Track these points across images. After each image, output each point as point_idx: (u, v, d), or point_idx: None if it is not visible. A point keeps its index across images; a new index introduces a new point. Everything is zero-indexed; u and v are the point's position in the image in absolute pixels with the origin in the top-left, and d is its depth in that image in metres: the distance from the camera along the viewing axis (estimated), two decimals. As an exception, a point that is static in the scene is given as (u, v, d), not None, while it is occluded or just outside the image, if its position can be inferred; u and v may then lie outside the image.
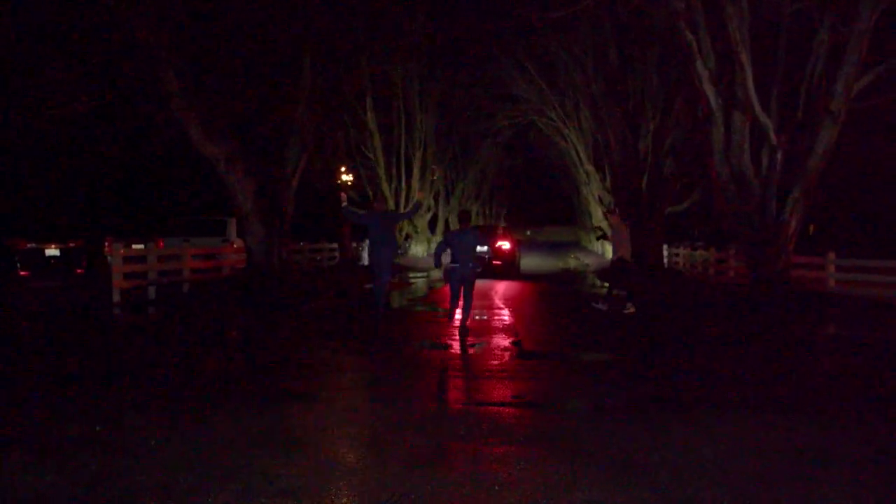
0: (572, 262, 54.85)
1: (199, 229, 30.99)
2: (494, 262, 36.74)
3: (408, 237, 53.48)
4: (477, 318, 18.44)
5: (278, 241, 23.83)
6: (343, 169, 40.51)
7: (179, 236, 29.55)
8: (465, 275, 16.41)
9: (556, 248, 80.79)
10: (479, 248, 36.42)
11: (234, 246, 26.92)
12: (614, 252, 20.75)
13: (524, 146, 63.68)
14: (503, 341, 14.99)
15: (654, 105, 32.81)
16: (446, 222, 58.17)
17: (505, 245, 37.55)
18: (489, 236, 38.08)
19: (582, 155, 47.43)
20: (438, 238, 54.40)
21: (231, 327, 16.54)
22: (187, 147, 22.51)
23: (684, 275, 33.19)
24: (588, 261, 53.08)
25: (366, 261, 39.75)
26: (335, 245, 38.14)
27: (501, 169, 74.64)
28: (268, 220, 23.82)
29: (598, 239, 28.74)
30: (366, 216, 17.24)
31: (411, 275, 37.54)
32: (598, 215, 49.40)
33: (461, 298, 16.67)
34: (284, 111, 23.92)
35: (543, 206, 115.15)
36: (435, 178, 51.70)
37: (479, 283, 27.51)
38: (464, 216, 16.92)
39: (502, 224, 70.43)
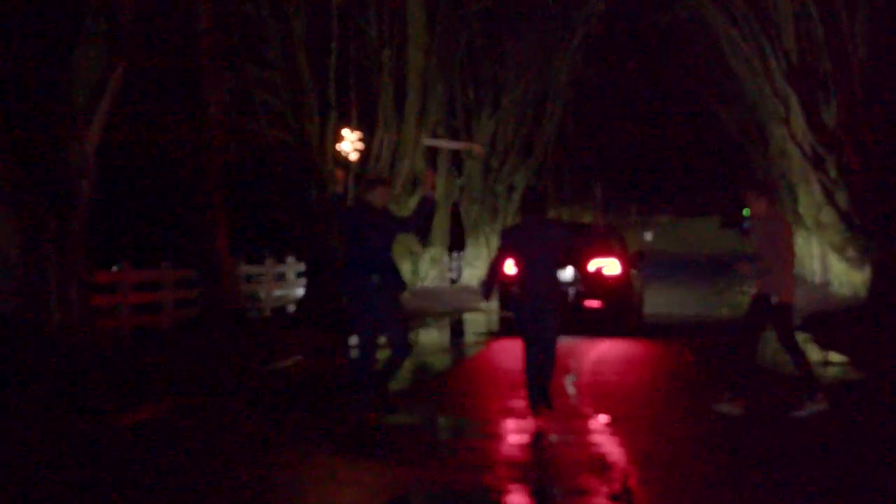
0: (747, 287, 36.68)
1: None
2: (587, 301, 21.28)
3: (454, 249, 39.10)
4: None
5: (60, 262, 14.56)
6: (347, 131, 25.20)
7: None
8: (537, 306, 10.64)
9: (708, 267, 48.62)
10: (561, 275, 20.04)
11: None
12: (757, 275, 11.52)
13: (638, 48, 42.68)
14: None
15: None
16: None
17: (610, 266, 21.63)
18: (577, 247, 20.81)
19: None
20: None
21: None
22: None
23: None
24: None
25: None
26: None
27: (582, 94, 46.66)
28: (33, 219, 14.36)
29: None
30: (349, 214, 11.38)
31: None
32: (807, 197, 29.89)
33: (534, 348, 10.68)
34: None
35: (677, 180, 61.82)
36: (474, 154, 35.75)
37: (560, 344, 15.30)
38: (532, 200, 11.15)
39: (595, 220, 51.66)
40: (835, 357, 17.04)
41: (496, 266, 11.28)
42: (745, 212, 16.95)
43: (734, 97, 41.16)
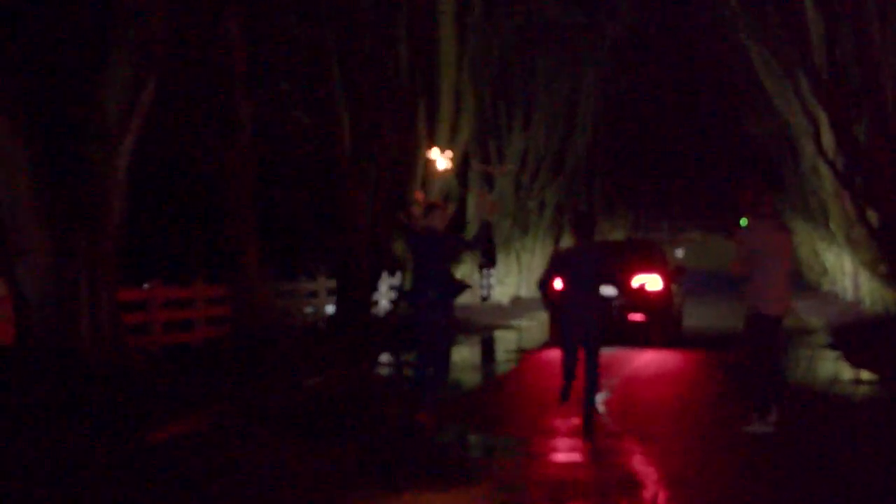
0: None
1: None
2: (630, 314, 22.13)
3: (485, 266, 38.91)
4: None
5: (91, 281, 14.23)
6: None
7: None
8: (585, 321, 11.49)
9: (738, 283, 49.11)
10: (604, 291, 21.03)
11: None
12: (753, 296, 11.22)
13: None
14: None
15: None
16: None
17: (652, 282, 22.59)
18: (621, 264, 20.83)
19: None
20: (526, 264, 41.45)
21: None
22: None
23: None
24: (812, 315, 32.49)
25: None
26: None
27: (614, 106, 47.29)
28: (64, 238, 14.06)
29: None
30: (413, 237, 12.20)
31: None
32: (839, 214, 29.82)
33: (578, 362, 11.54)
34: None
35: (708, 196, 60.01)
36: (504, 171, 36.87)
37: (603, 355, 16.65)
38: (583, 224, 11.98)
39: (637, 235, 52.80)
40: (865, 375, 16.78)
41: (544, 283, 12.32)
42: (743, 221, 16.62)
43: (766, 113, 40.84)
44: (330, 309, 25.47)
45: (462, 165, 31.31)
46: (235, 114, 20.08)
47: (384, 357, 19.75)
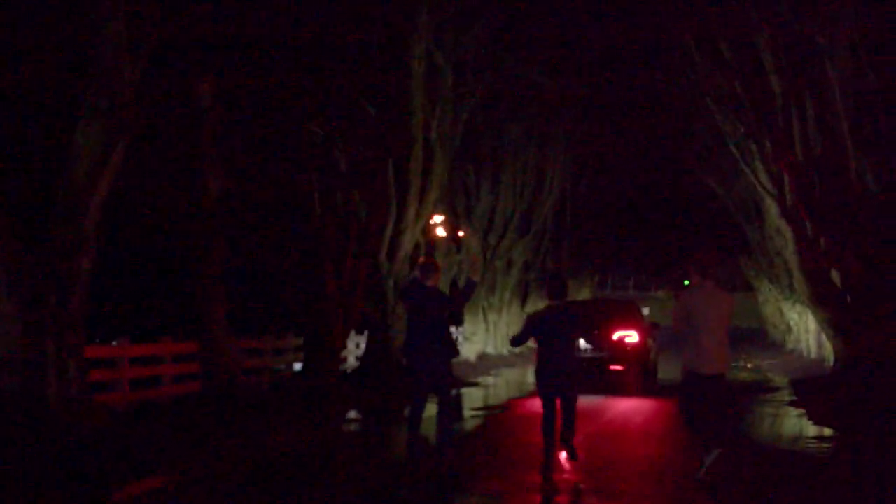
0: (742, 362, 38.92)
1: None
2: (611, 365, 24.78)
3: (453, 324, 38.34)
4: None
5: (59, 338, 14.02)
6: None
7: None
8: (561, 382, 12.06)
9: None
10: (583, 344, 24.90)
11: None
12: (689, 355, 11.70)
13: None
14: None
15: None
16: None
17: (630, 336, 25.20)
18: (600, 320, 25.25)
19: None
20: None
21: None
22: None
23: None
24: (778, 373, 33.18)
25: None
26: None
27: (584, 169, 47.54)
28: (33, 295, 13.86)
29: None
30: (407, 293, 13.06)
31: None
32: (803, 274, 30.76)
33: (557, 417, 12.11)
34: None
35: (673, 256, 62.60)
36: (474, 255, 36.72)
37: (585, 403, 18.18)
38: (556, 286, 12.45)
39: (607, 295, 54.30)
40: (827, 432, 16.96)
41: (516, 344, 12.84)
42: (686, 283, 19.49)
43: (731, 174, 41.25)
44: (298, 366, 25.48)
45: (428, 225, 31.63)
46: (204, 177, 20.20)
47: (352, 413, 19.74)
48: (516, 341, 12.81)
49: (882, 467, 13.06)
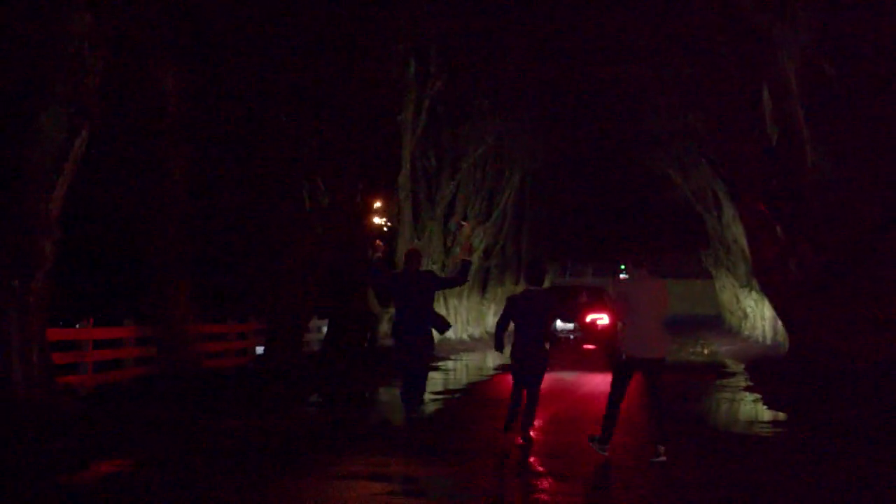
0: (699, 348, 40.14)
1: None
2: (585, 345, 28.64)
3: None
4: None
5: (22, 322, 14.24)
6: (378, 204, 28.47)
7: None
8: (530, 361, 12.95)
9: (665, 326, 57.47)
10: (561, 325, 28.12)
11: None
12: (626, 340, 12.09)
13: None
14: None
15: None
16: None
17: (601, 319, 29.01)
18: (574, 304, 29.12)
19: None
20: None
21: None
22: None
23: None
24: (734, 359, 33.35)
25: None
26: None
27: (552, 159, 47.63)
28: None
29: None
30: (394, 278, 14.42)
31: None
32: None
33: (524, 397, 13.16)
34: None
35: (632, 243, 63.16)
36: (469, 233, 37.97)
37: (564, 377, 22.01)
38: (534, 272, 13.69)
39: (586, 281, 55.67)
40: (782, 416, 17.27)
41: (502, 326, 13.35)
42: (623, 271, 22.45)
43: (690, 164, 41.64)
44: (260, 350, 25.63)
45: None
46: (167, 162, 20.21)
47: (313, 398, 19.84)
48: (501, 325, 13.45)
49: (830, 449, 13.37)
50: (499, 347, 13.55)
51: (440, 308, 39.67)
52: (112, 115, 18.70)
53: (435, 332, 13.91)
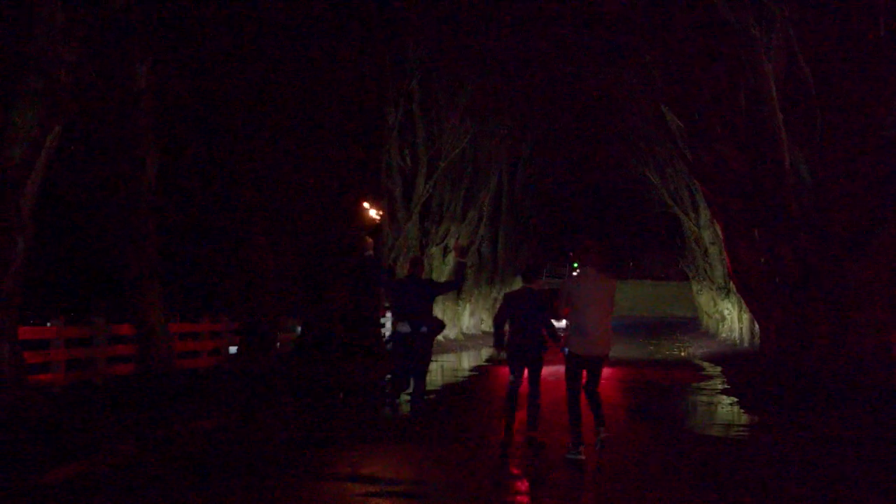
0: (676, 350, 40.82)
1: None
2: None
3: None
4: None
5: None
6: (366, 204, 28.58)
7: None
8: (529, 355, 13.47)
9: (642, 325, 62.74)
10: (556, 324, 27.80)
11: None
12: (572, 337, 12.21)
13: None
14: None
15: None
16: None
17: None
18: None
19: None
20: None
21: None
22: None
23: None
24: (711, 362, 33.11)
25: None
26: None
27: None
28: None
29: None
30: (398, 283, 15.20)
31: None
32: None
33: (525, 386, 13.55)
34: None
35: (610, 244, 59.72)
36: (457, 240, 37.76)
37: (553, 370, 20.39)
38: (531, 273, 14.21)
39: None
40: (757, 419, 17.28)
41: (501, 322, 13.76)
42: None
43: (672, 172, 41.89)
44: (233, 349, 25.49)
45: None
46: (141, 159, 20.07)
47: (285, 398, 19.71)
48: (499, 321, 13.90)
49: (805, 450, 13.42)
50: (499, 344, 13.91)
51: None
52: (85, 111, 18.63)
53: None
